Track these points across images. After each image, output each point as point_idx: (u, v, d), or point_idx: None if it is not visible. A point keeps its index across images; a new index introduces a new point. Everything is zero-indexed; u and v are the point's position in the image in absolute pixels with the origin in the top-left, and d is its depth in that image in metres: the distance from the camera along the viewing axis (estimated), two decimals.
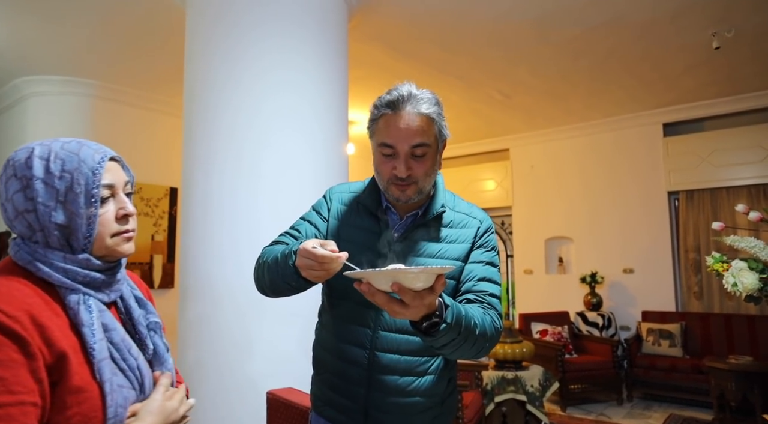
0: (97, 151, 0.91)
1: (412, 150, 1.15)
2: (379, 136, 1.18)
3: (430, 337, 0.98)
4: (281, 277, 1.12)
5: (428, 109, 1.16)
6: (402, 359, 1.17)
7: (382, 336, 1.17)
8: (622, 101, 5.35)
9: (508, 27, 3.68)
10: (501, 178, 6.79)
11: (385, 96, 1.18)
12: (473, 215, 1.29)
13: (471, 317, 1.03)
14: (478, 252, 1.24)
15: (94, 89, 4.57)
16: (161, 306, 4.95)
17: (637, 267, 5.67)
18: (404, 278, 0.87)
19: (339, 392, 1.22)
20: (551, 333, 5.18)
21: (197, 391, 2.38)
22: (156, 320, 0.98)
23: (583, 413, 4.57)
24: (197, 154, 2.58)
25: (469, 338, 1.03)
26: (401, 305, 0.90)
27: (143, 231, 4.77)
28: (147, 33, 3.66)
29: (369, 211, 1.26)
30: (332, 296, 1.27)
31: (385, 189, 1.21)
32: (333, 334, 1.25)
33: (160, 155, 4.99)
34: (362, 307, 1.17)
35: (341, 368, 1.21)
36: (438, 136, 1.20)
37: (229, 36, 2.56)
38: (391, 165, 1.17)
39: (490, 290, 1.19)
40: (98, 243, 0.88)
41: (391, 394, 1.17)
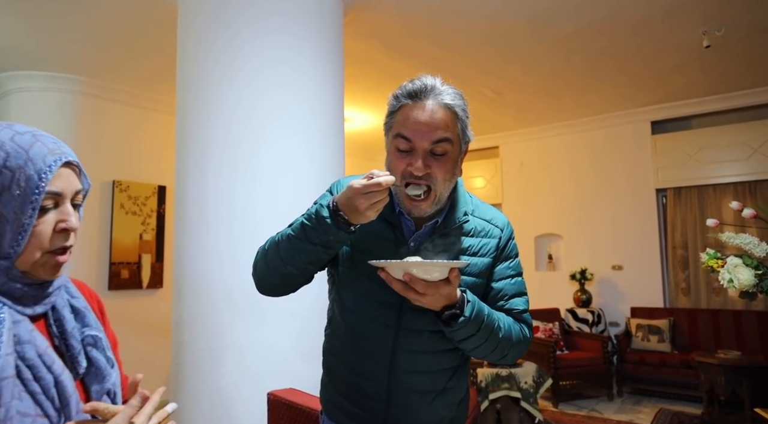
0: (52, 152, 0.77)
1: (433, 147, 1.05)
2: (396, 127, 1.08)
3: (449, 327, 1.02)
4: (312, 239, 1.02)
5: (453, 101, 1.07)
6: (423, 379, 1.14)
7: (401, 355, 1.12)
8: (613, 99, 5.39)
9: (502, 25, 3.67)
10: (491, 176, 6.81)
11: (408, 85, 1.08)
12: (494, 222, 1.20)
13: (495, 318, 1.07)
14: (504, 265, 1.17)
15: (80, 85, 4.46)
16: (150, 306, 4.87)
17: (626, 264, 5.72)
18: (416, 270, 0.96)
19: (356, 405, 1.17)
20: (543, 330, 5.21)
21: (193, 391, 2.34)
22: (94, 334, 0.85)
23: (575, 409, 4.60)
24: (191, 152, 2.52)
25: (490, 339, 1.05)
26: (416, 292, 0.96)
27: (131, 230, 4.68)
28: (136, 29, 3.57)
29: (381, 214, 1.10)
30: (344, 306, 1.18)
31: (396, 195, 1.10)
32: (347, 347, 1.18)
33: (147, 153, 4.90)
34: (379, 325, 1.12)
35: (357, 382, 1.16)
36: (461, 136, 1.10)
37: (224, 33, 2.51)
38: (407, 161, 1.05)
39: (521, 307, 1.18)
40: (25, 256, 0.76)
41: (411, 410, 1.14)
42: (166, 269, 4.91)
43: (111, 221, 4.58)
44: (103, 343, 0.87)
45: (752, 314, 4.88)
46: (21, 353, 0.72)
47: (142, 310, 4.73)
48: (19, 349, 0.73)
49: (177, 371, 2.50)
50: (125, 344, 4.94)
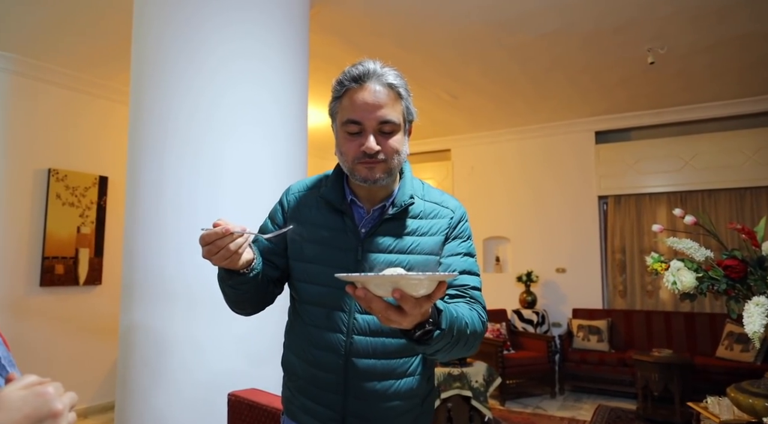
0: None
1: (380, 126, 1.08)
2: (344, 113, 1.10)
3: (423, 345, 0.92)
4: (221, 282, 1.10)
5: (395, 81, 1.10)
6: (379, 364, 1.12)
7: (357, 341, 1.11)
8: (562, 108, 5.61)
9: (464, 28, 3.74)
10: (442, 178, 6.91)
11: (351, 70, 1.10)
12: (445, 204, 1.22)
13: (462, 317, 0.99)
14: (455, 244, 1.18)
15: (12, 64, 4.12)
16: (87, 304, 4.58)
17: (568, 267, 5.98)
18: (407, 284, 0.80)
19: (314, 399, 1.15)
20: (491, 330, 5.33)
21: (146, 394, 2.21)
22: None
23: (521, 407, 4.75)
24: (147, 143, 2.38)
25: (461, 339, 0.98)
26: (399, 313, 0.83)
27: (67, 222, 4.37)
28: (81, 6, 3.34)
29: (332, 206, 1.17)
30: (301, 300, 1.19)
31: (350, 170, 1.12)
32: (304, 340, 1.17)
33: (89, 141, 4.60)
34: (334, 311, 1.12)
35: (315, 375, 1.15)
36: (406, 114, 1.14)
37: (186, 22, 2.39)
38: (358, 142, 1.09)
39: (472, 283, 1.15)
40: None
41: (369, 400, 1.11)
42: (107, 264, 4.62)
43: (45, 212, 4.25)
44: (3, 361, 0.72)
45: (680, 315, 5.23)
46: None
47: (77, 308, 4.43)
48: None
49: (125, 373, 2.35)
50: (56, 343, 4.66)
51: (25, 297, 4.14)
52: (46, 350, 4.20)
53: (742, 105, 5.25)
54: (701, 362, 4.59)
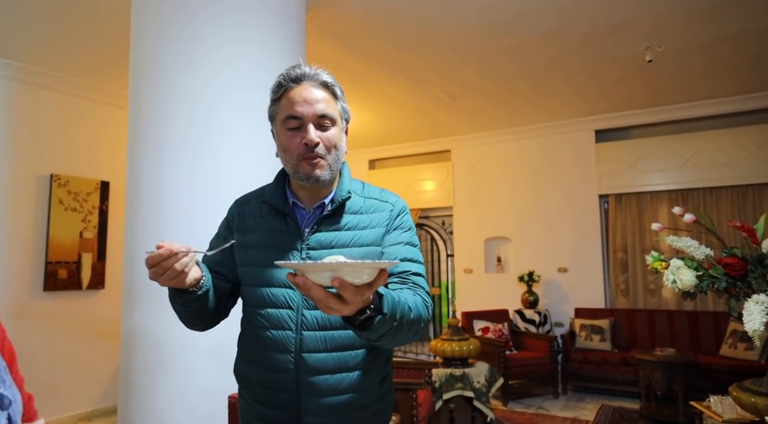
0: None
1: (319, 120, 1.14)
2: (284, 111, 1.16)
3: (366, 331, 0.92)
4: (173, 303, 1.12)
5: (329, 80, 1.18)
6: (330, 357, 1.12)
7: (307, 336, 1.13)
8: (561, 107, 5.61)
9: (463, 29, 3.74)
10: (442, 179, 6.92)
11: (289, 72, 1.17)
12: (383, 198, 1.26)
13: (405, 302, 0.99)
14: (395, 234, 1.21)
15: (14, 71, 4.15)
16: (90, 308, 4.60)
17: (570, 266, 5.97)
18: (347, 272, 0.80)
19: (268, 404, 1.16)
20: (492, 330, 5.33)
21: (148, 397, 2.23)
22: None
23: (524, 407, 4.74)
24: (147, 147, 2.40)
25: (405, 324, 0.98)
26: (339, 301, 0.83)
27: (70, 227, 4.40)
28: (79, 13, 3.36)
29: (275, 210, 1.22)
30: (249, 304, 1.21)
31: (294, 168, 1.16)
32: (255, 344, 1.19)
33: (90, 146, 4.63)
34: (281, 310, 1.15)
35: (267, 377, 1.15)
36: (342, 112, 1.21)
37: (183, 27, 2.41)
38: (300, 137, 1.14)
39: (414, 269, 1.17)
40: None
41: (322, 395, 1.12)
42: (109, 268, 4.64)
43: (48, 217, 4.28)
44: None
45: (683, 314, 5.22)
46: None
47: (81, 312, 4.46)
48: None
49: (127, 377, 2.36)
50: (60, 347, 4.69)
51: (29, 302, 4.16)
52: (50, 354, 4.22)
53: (740, 102, 5.24)
54: (705, 360, 4.57)
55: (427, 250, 7.37)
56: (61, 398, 4.27)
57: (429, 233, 7.33)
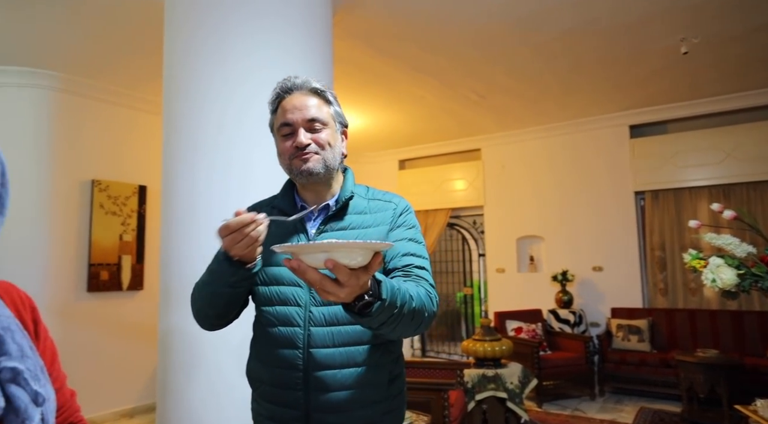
0: None
1: (309, 124, 1.20)
2: (278, 120, 1.23)
3: (365, 317, 0.92)
4: (219, 282, 1.11)
5: (318, 84, 1.24)
6: (337, 352, 1.14)
7: (315, 332, 1.15)
8: (593, 103, 5.49)
9: (488, 28, 3.71)
10: (472, 178, 6.86)
11: (282, 84, 1.24)
12: (387, 199, 1.30)
13: (406, 290, 1.00)
14: (398, 231, 1.24)
15: (58, 82, 4.34)
16: (130, 308, 4.76)
17: (605, 265, 5.83)
18: (340, 254, 0.79)
19: (278, 403, 1.17)
20: (526, 331, 5.26)
21: (185, 395, 2.29)
22: (12, 367, 0.71)
23: (559, 409, 4.66)
24: (180, 152, 2.47)
25: (406, 313, 0.99)
26: (335, 284, 0.83)
27: (110, 230, 4.57)
28: (119, 25, 3.50)
29: (284, 213, 1.26)
30: (260, 303, 1.24)
31: (289, 168, 1.22)
32: (265, 342, 1.21)
33: (128, 152, 4.79)
34: (289, 307, 1.18)
35: (277, 374, 1.17)
36: (335, 117, 1.26)
37: (213, 33, 2.47)
38: (291, 141, 1.20)
39: (417, 263, 1.18)
40: None
41: (331, 390, 1.13)
42: (147, 270, 4.80)
43: (90, 221, 4.46)
44: (27, 374, 0.71)
45: (726, 314, 5.02)
46: None
47: (121, 312, 4.62)
48: None
49: (164, 375, 2.44)
50: (103, 346, 4.86)
51: (74, 302, 4.34)
52: (94, 353, 4.39)
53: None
54: (751, 362, 4.39)
55: (458, 249, 7.32)
56: (105, 394, 4.44)
57: (460, 233, 7.29)
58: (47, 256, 4.22)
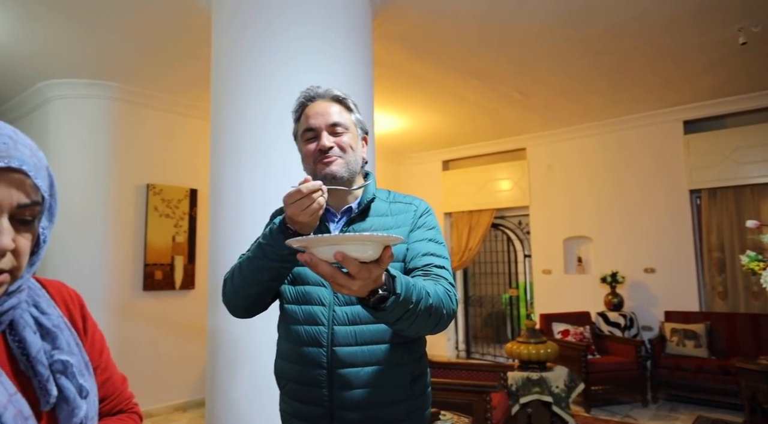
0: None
1: (331, 128, 1.23)
2: (301, 127, 1.27)
3: (380, 312, 0.93)
4: (270, 256, 1.12)
5: (339, 92, 1.28)
6: (359, 350, 1.17)
7: (338, 331, 1.18)
8: (643, 99, 5.29)
9: (531, 26, 3.65)
10: (518, 178, 6.75)
11: (305, 93, 1.28)
12: (408, 201, 1.33)
13: (422, 287, 1.01)
14: (419, 232, 1.26)
15: (117, 92, 4.60)
16: (182, 307, 4.97)
17: (658, 266, 5.59)
18: (350, 247, 0.81)
19: (303, 400, 1.21)
20: (573, 333, 5.12)
21: (230, 390, 2.39)
22: (64, 359, 0.75)
23: (608, 415, 4.51)
24: (226, 156, 2.58)
25: (423, 310, 1.00)
26: (346, 277, 0.86)
27: (164, 232, 4.79)
28: (170, 36, 3.67)
29: None
30: (285, 302, 1.28)
31: (314, 172, 1.23)
32: (290, 340, 1.25)
33: (180, 157, 5.02)
34: (314, 306, 1.21)
35: (303, 372, 1.20)
36: (356, 123, 1.29)
37: (256, 40, 2.56)
38: (315, 144, 1.23)
39: (436, 262, 1.19)
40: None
41: (354, 388, 1.16)
42: (198, 270, 5.00)
43: (145, 223, 4.70)
44: (74, 369, 0.77)
45: None
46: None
47: (175, 310, 4.84)
48: None
49: (212, 371, 2.54)
50: (157, 342, 5.09)
51: (131, 300, 4.59)
52: (150, 349, 4.62)
53: None
54: None
55: (503, 250, 7.22)
56: (160, 388, 4.65)
57: (505, 234, 7.18)
58: (107, 256, 4.48)
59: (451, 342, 7.29)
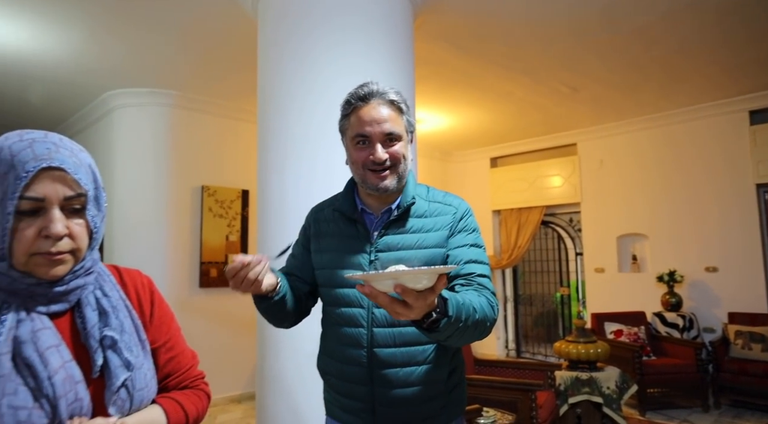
0: (36, 158, 0.79)
1: (385, 137, 1.22)
2: (353, 129, 1.24)
3: (433, 333, 0.98)
4: (258, 307, 1.25)
5: (395, 97, 1.25)
6: (398, 352, 1.20)
7: (377, 333, 1.21)
8: (702, 90, 5.03)
9: (577, 19, 3.56)
10: (568, 174, 6.58)
11: (357, 91, 1.25)
12: (447, 202, 1.31)
13: (470, 303, 1.04)
14: (460, 236, 1.25)
15: (174, 99, 4.86)
16: (236, 303, 5.18)
17: (721, 265, 5.30)
18: (406, 279, 0.86)
19: (346, 394, 1.26)
20: (626, 334, 4.95)
21: (278, 380, 2.50)
22: (110, 335, 0.87)
23: (665, 419, 4.33)
24: (272, 158, 2.68)
25: (470, 325, 1.03)
26: (404, 305, 0.90)
27: (218, 232, 5.02)
28: (221, 45, 3.85)
29: (346, 217, 1.31)
30: (326, 303, 1.32)
31: (362, 178, 1.24)
32: (333, 340, 1.30)
33: (232, 160, 5.23)
34: (354, 308, 1.24)
35: (344, 370, 1.25)
36: (407, 126, 1.28)
37: (299, 45, 2.65)
38: (367, 153, 1.22)
39: (479, 271, 1.20)
40: (15, 258, 0.80)
41: (393, 387, 1.20)
42: None
43: (200, 223, 4.94)
44: (122, 344, 0.88)
45: None
46: (19, 352, 0.77)
47: (230, 306, 5.05)
48: (20, 348, 0.77)
49: (262, 362, 2.66)
50: (214, 337, 5.34)
51: (189, 297, 4.84)
52: (206, 343, 4.84)
53: None
54: None
55: (553, 248, 7.05)
56: (215, 380, 4.84)
57: (555, 231, 7.01)
58: (167, 255, 4.74)
59: (501, 341, 7.20)
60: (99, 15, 3.39)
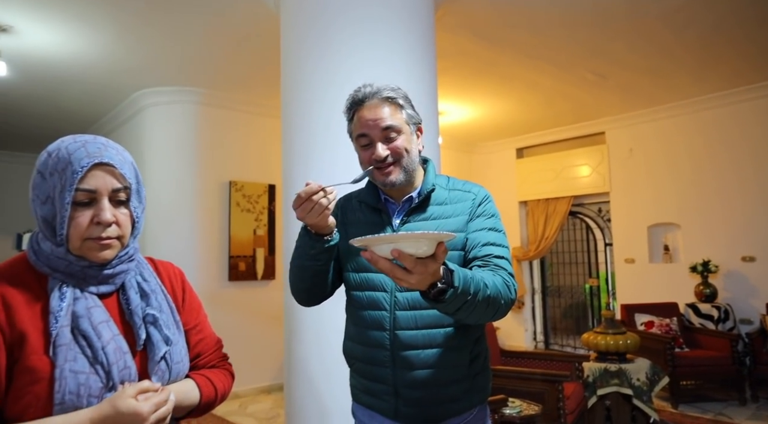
0: (89, 156, 0.93)
1: (385, 133, 1.26)
2: (355, 131, 1.30)
3: (440, 304, 1.00)
4: (303, 256, 1.26)
5: (390, 93, 1.28)
6: (420, 334, 1.23)
7: (400, 316, 1.24)
8: (738, 73, 4.85)
9: (604, 4, 3.48)
10: (596, 164, 6.45)
11: (354, 95, 1.31)
12: (467, 189, 1.34)
13: (480, 278, 1.06)
14: (479, 221, 1.28)
15: (201, 97, 4.96)
16: (264, 296, 5.29)
17: (759, 255, 5.14)
18: (405, 244, 0.89)
19: (370, 378, 1.30)
20: (658, 325, 4.86)
21: (304, 370, 2.55)
22: (152, 313, 1.01)
23: (698, 412, 4.24)
24: (295, 152, 2.72)
25: (481, 300, 1.05)
26: (404, 271, 0.93)
27: (246, 226, 5.12)
28: (245, 41, 3.90)
29: (370, 206, 1.36)
30: (350, 287, 1.35)
31: (372, 177, 1.30)
32: (356, 324, 1.34)
33: (259, 154, 5.32)
34: (377, 292, 1.28)
35: (368, 353, 1.29)
36: (408, 119, 1.30)
37: (320, 38, 2.67)
38: (371, 152, 1.27)
39: (496, 252, 1.22)
40: (71, 243, 0.93)
41: (415, 368, 1.23)
42: (278, 261, 5.29)
43: (229, 218, 5.04)
44: (161, 322, 1.01)
45: None
46: (77, 325, 0.91)
47: (257, 299, 5.16)
48: (77, 322, 0.91)
49: (290, 355, 2.72)
50: (243, 329, 5.46)
51: (218, 290, 4.95)
52: (236, 336, 4.95)
53: None
54: None
55: (582, 239, 6.94)
56: (245, 372, 4.98)
57: (584, 222, 6.90)
58: (196, 249, 4.87)
59: (529, 333, 7.14)
60: (127, 17, 3.49)
